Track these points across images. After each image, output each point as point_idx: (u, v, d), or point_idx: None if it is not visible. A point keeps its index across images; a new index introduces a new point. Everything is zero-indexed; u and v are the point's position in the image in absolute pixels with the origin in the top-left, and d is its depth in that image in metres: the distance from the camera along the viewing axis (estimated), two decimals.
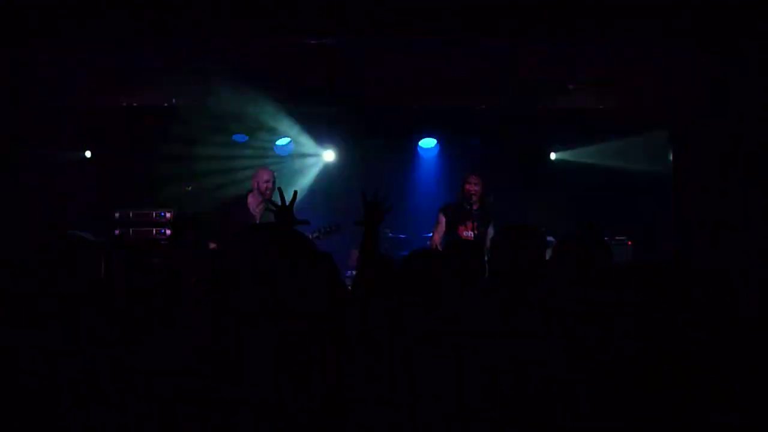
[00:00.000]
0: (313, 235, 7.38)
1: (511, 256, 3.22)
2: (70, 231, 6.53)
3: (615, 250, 3.97)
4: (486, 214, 7.39)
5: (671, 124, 8.38)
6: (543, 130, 9.64)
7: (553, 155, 9.75)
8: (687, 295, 2.69)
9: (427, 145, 9.91)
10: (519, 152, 9.94)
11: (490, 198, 7.55)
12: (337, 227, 7.51)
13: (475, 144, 8.81)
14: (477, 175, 7.40)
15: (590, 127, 9.39)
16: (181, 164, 9.63)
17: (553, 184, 9.82)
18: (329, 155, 9.87)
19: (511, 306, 2.97)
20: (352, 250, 8.85)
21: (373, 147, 9.84)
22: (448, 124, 9.57)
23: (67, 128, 9.19)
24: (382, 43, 7.44)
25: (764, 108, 7.31)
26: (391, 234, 8.91)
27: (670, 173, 8.35)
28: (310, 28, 6.82)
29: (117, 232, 8.90)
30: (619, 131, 9.20)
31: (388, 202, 3.86)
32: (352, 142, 9.87)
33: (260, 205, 7.24)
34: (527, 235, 3.28)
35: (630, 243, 8.88)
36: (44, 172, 9.27)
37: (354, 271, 7.63)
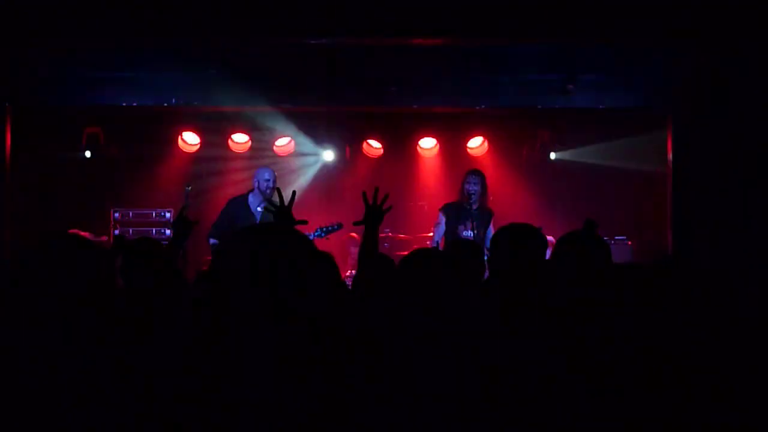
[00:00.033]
0: (315, 235, 7.39)
1: (512, 256, 3.22)
2: (70, 231, 6.54)
3: (615, 250, 3.98)
4: (486, 213, 7.39)
5: (671, 124, 8.38)
6: (543, 130, 9.64)
7: (552, 155, 9.75)
8: (687, 295, 2.69)
9: (427, 145, 9.91)
10: (519, 152, 9.95)
11: (490, 197, 7.55)
12: (339, 227, 7.51)
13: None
14: (477, 175, 7.39)
15: (590, 127, 9.39)
16: (181, 164, 9.65)
17: (552, 184, 9.82)
18: (329, 155, 9.87)
19: (511, 306, 2.97)
20: (352, 249, 8.87)
21: (373, 147, 9.85)
22: (449, 124, 9.57)
23: (67, 128, 9.20)
24: (382, 43, 7.45)
25: (764, 108, 7.32)
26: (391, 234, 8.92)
27: (670, 173, 8.35)
28: (310, 28, 6.82)
29: (117, 232, 8.90)
30: (619, 131, 9.20)
31: (388, 203, 3.86)
32: (352, 141, 9.87)
33: (261, 205, 7.25)
34: (527, 235, 3.28)
35: (630, 243, 8.89)
36: (44, 172, 9.28)
37: (354, 271, 7.65)
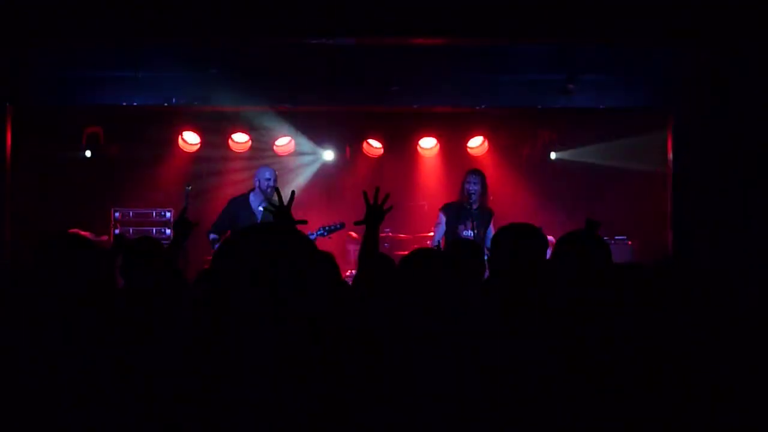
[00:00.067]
0: (318, 234, 7.39)
1: (512, 256, 3.21)
2: (71, 231, 6.54)
3: (615, 250, 3.97)
4: (486, 213, 7.39)
5: (671, 124, 8.38)
6: (543, 130, 9.65)
7: (553, 155, 9.75)
8: (687, 295, 2.69)
9: (428, 144, 9.91)
10: (519, 152, 9.95)
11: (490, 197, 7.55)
12: (342, 226, 7.51)
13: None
14: (477, 175, 7.39)
15: (590, 126, 9.39)
16: (182, 164, 9.64)
17: (553, 183, 9.81)
18: (329, 155, 9.87)
19: (511, 306, 2.97)
20: (349, 247, 8.87)
21: (374, 146, 9.84)
22: (449, 123, 9.57)
23: (68, 128, 9.20)
24: (382, 43, 7.45)
25: (764, 108, 7.32)
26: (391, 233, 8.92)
27: (671, 173, 8.35)
28: (311, 28, 6.82)
29: (117, 231, 8.90)
30: (620, 131, 9.19)
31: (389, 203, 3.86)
32: (352, 141, 9.86)
33: (262, 204, 7.26)
34: (528, 235, 3.28)
35: (630, 243, 8.89)
36: (45, 172, 9.28)
37: (354, 271, 7.64)
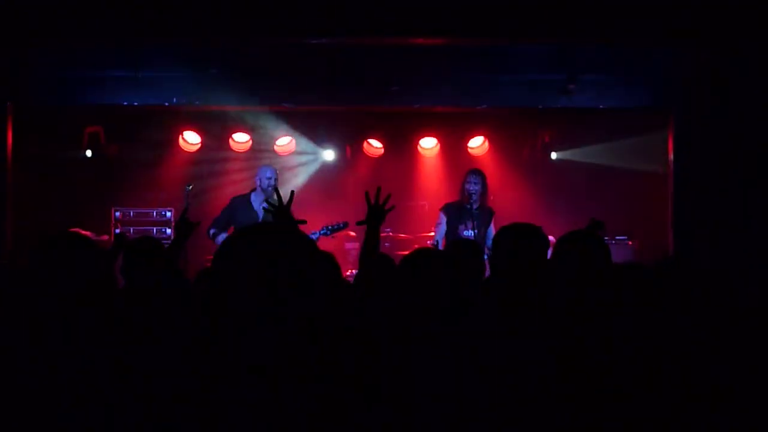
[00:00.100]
0: (321, 233, 7.39)
1: (513, 256, 3.21)
2: (71, 230, 6.54)
3: (616, 250, 3.97)
4: (486, 213, 7.38)
5: (672, 124, 8.37)
6: (544, 130, 9.65)
7: (554, 155, 9.75)
8: (687, 295, 2.69)
9: (428, 144, 9.91)
10: (520, 152, 9.95)
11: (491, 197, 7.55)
12: (345, 225, 7.51)
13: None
14: (477, 174, 7.38)
15: (591, 126, 9.39)
16: (182, 163, 9.64)
17: (553, 183, 9.81)
18: (329, 154, 9.87)
19: (511, 306, 2.97)
20: (347, 245, 8.87)
21: (374, 146, 9.85)
22: (450, 123, 9.57)
23: (68, 127, 9.20)
24: (382, 43, 7.45)
25: (764, 108, 7.32)
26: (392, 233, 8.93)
27: (671, 173, 8.35)
28: (311, 28, 6.82)
29: (118, 231, 8.90)
30: (620, 131, 9.20)
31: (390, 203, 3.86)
32: (353, 141, 9.87)
33: (264, 203, 7.27)
34: (529, 235, 3.27)
35: (631, 243, 8.88)
36: (45, 172, 9.28)
37: (354, 270, 7.64)
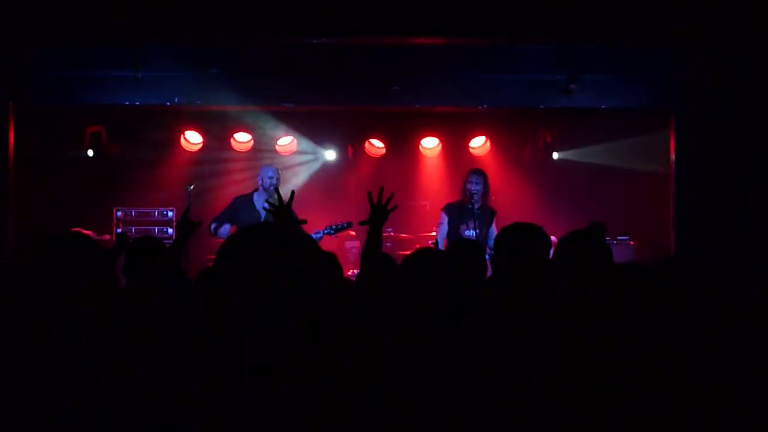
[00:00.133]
0: (324, 232, 7.40)
1: (515, 256, 3.21)
2: (73, 229, 6.54)
3: (618, 250, 3.97)
4: (488, 213, 7.38)
5: (674, 124, 8.37)
6: (545, 130, 9.65)
7: (555, 155, 9.76)
8: (687, 295, 2.69)
9: (430, 144, 9.91)
10: (521, 152, 9.96)
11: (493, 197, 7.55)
12: (349, 225, 7.51)
13: None
14: (479, 174, 7.38)
15: (592, 126, 9.39)
16: (184, 163, 9.64)
17: (555, 183, 9.82)
18: (331, 154, 9.87)
19: (512, 306, 2.97)
20: (347, 244, 8.87)
21: (376, 146, 9.85)
22: (451, 123, 9.57)
23: (70, 127, 9.20)
24: (383, 43, 7.45)
25: (764, 108, 7.32)
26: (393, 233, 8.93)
27: (673, 173, 8.35)
28: (312, 28, 6.82)
29: (119, 230, 8.90)
30: (622, 131, 9.19)
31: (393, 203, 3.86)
32: (354, 141, 9.87)
33: (265, 203, 7.28)
34: (531, 234, 3.27)
35: (632, 243, 8.88)
36: (47, 171, 9.28)
37: (356, 270, 7.64)
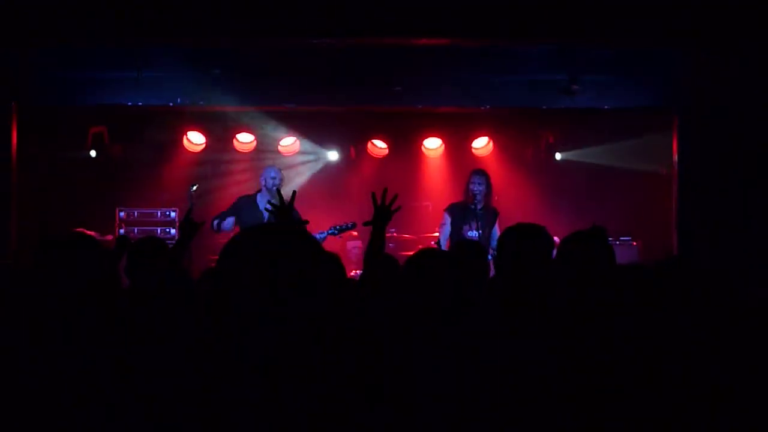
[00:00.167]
0: (329, 232, 7.40)
1: (518, 256, 3.21)
2: (76, 230, 6.54)
3: (620, 251, 3.96)
4: (491, 213, 7.37)
5: (676, 125, 8.37)
6: (547, 130, 9.66)
7: (558, 155, 9.76)
8: (687, 295, 2.69)
9: (432, 145, 9.92)
10: (524, 152, 9.96)
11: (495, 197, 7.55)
12: (353, 226, 7.51)
13: None
14: (481, 175, 7.38)
15: (595, 127, 9.39)
16: (186, 163, 9.64)
17: (557, 184, 9.82)
18: (333, 155, 9.88)
19: (513, 306, 2.97)
20: (348, 243, 8.87)
21: (378, 147, 9.85)
22: (454, 124, 9.57)
23: (73, 128, 9.21)
24: (385, 44, 7.45)
25: (764, 108, 7.32)
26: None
27: (676, 174, 8.35)
28: (313, 29, 6.83)
29: (122, 231, 8.90)
30: (624, 132, 9.19)
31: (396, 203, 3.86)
32: (357, 141, 9.87)
33: (268, 204, 7.30)
34: (533, 235, 3.27)
35: (635, 243, 8.88)
36: (50, 172, 9.28)
37: (359, 271, 7.64)
